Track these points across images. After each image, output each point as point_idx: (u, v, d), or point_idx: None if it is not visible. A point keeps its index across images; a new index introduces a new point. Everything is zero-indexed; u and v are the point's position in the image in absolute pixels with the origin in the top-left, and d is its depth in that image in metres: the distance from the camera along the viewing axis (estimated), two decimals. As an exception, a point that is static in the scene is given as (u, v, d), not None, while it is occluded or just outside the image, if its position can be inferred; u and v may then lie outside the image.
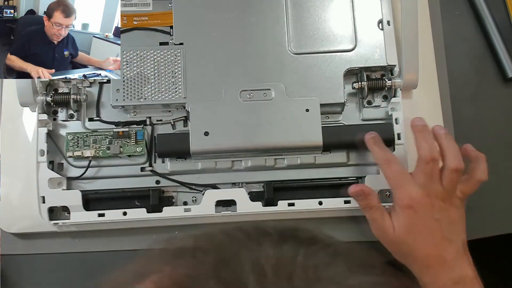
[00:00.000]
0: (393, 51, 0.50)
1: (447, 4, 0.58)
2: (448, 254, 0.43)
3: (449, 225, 0.44)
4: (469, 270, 0.43)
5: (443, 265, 0.43)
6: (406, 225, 0.43)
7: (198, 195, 0.50)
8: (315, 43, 0.50)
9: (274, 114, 0.48)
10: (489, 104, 0.56)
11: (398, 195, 0.44)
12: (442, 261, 0.43)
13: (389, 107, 0.51)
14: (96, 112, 0.51)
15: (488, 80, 0.57)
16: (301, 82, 0.49)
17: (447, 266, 0.43)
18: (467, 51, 0.57)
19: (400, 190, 0.44)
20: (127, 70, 0.50)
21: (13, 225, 0.50)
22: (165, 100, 0.49)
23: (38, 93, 0.49)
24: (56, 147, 0.50)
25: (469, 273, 0.43)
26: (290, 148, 0.48)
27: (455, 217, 0.44)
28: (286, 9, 0.51)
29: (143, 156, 0.50)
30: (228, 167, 0.50)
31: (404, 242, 0.44)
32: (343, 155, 0.50)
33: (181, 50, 0.50)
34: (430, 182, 0.44)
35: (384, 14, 0.51)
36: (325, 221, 0.50)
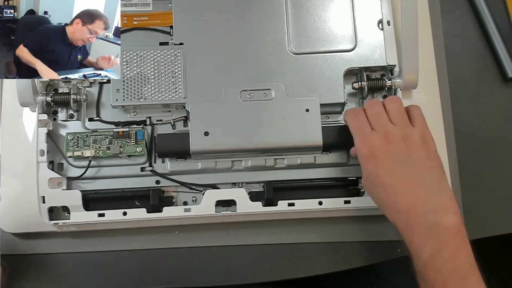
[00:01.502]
0: (393, 51, 0.50)
1: (447, 4, 0.58)
2: (418, 196, 0.41)
3: (415, 166, 0.42)
4: (448, 218, 0.39)
5: (413, 207, 0.40)
6: (368, 175, 0.43)
7: (198, 195, 0.50)
8: (315, 43, 0.51)
9: (274, 114, 0.48)
10: (489, 104, 0.56)
11: (359, 144, 0.44)
12: (411, 203, 0.40)
13: (389, 107, 0.51)
14: (96, 112, 0.51)
15: (488, 80, 0.57)
16: (301, 82, 0.49)
17: (418, 208, 0.40)
18: (467, 51, 0.57)
19: (361, 138, 0.44)
20: (127, 70, 0.50)
21: (13, 225, 0.50)
22: (165, 100, 0.49)
23: (38, 93, 0.49)
24: (56, 147, 0.50)
25: (446, 221, 0.39)
26: (290, 148, 0.48)
27: (421, 157, 0.43)
28: (286, 9, 0.51)
29: (143, 156, 0.50)
30: (228, 167, 0.50)
31: (371, 192, 0.44)
32: (343, 155, 0.50)
33: (181, 50, 0.50)
34: (382, 122, 0.44)
35: (384, 14, 0.51)
36: (325, 221, 0.50)
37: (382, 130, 0.44)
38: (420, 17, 0.49)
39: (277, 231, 0.51)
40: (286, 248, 0.51)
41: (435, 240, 0.39)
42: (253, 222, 0.50)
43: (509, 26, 0.58)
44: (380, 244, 0.50)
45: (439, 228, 0.39)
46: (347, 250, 0.51)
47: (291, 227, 0.51)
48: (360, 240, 0.50)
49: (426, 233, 0.39)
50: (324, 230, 0.51)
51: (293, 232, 0.51)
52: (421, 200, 0.41)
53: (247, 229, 0.51)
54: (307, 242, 0.51)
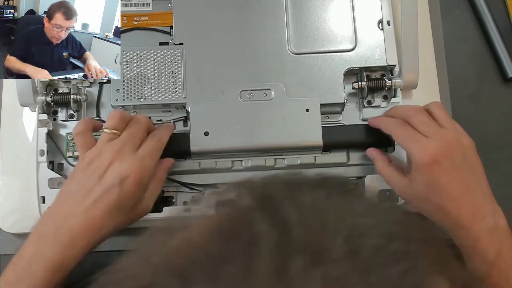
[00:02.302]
0: (393, 51, 0.50)
1: (447, 4, 0.58)
2: (477, 201, 0.41)
3: (470, 171, 0.42)
4: (501, 219, 0.41)
5: (474, 214, 0.41)
6: (428, 182, 0.42)
7: (198, 195, 0.50)
8: (315, 43, 0.51)
9: (274, 114, 0.48)
10: (489, 104, 0.56)
11: (416, 151, 0.42)
12: (472, 210, 0.41)
13: (389, 107, 0.51)
14: (96, 112, 0.51)
15: (488, 80, 0.57)
16: (301, 82, 0.49)
17: (478, 214, 0.41)
18: (467, 51, 0.57)
19: (417, 145, 0.43)
20: (127, 70, 0.50)
21: (13, 225, 0.50)
22: (165, 100, 0.49)
23: (38, 93, 0.49)
24: (56, 147, 0.50)
25: (501, 222, 0.41)
26: (290, 148, 0.48)
27: (473, 160, 0.43)
28: (286, 9, 0.51)
29: (143, 156, 0.50)
30: (228, 167, 0.50)
31: (429, 200, 0.42)
32: (343, 155, 0.50)
33: (181, 50, 0.50)
34: (434, 129, 0.43)
35: (384, 14, 0.51)
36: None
37: (438, 136, 0.43)
38: (420, 17, 0.49)
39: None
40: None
41: (496, 242, 0.41)
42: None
43: (509, 26, 0.58)
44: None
45: (498, 230, 0.41)
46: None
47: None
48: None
49: (489, 236, 0.41)
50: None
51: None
52: (481, 204, 0.42)
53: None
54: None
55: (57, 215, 0.41)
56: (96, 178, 0.41)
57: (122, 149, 0.42)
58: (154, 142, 0.44)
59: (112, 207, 0.40)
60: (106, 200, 0.40)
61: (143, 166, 0.42)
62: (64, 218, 0.40)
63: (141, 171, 0.41)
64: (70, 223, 0.40)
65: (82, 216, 0.40)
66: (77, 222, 0.40)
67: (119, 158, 0.41)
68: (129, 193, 0.41)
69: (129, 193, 0.41)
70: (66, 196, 0.42)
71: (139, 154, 0.42)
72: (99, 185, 0.40)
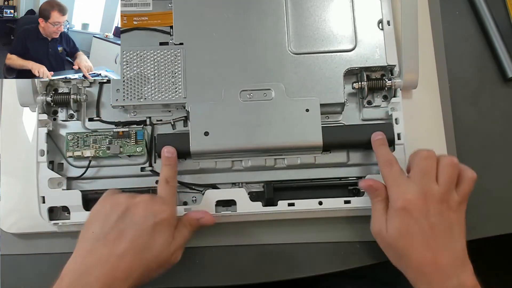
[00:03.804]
0: (393, 51, 0.50)
1: (447, 4, 0.58)
2: (444, 260, 0.41)
3: (446, 230, 0.42)
4: (467, 278, 0.41)
5: (438, 272, 0.41)
6: (399, 228, 0.42)
7: (198, 195, 0.50)
8: (315, 43, 0.51)
9: (274, 114, 0.48)
10: (489, 104, 0.56)
11: (394, 195, 0.43)
12: (437, 268, 0.41)
13: (389, 107, 0.51)
14: (96, 112, 0.51)
15: (488, 80, 0.57)
16: (301, 82, 0.49)
17: (443, 273, 0.41)
18: (467, 51, 0.57)
19: (397, 189, 0.43)
20: (127, 70, 0.50)
21: (13, 225, 0.50)
22: (165, 100, 0.49)
23: (38, 93, 0.49)
24: (56, 147, 0.50)
25: (467, 282, 0.41)
26: (290, 148, 0.48)
27: (453, 221, 0.42)
28: (286, 9, 0.51)
29: (143, 156, 0.50)
30: (228, 167, 0.50)
31: (396, 246, 0.43)
32: (343, 155, 0.50)
33: (181, 50, 0.50)
34: (426, 180, 0.43)
35: (384, 14, 0.51)
36: (325, 221, 0.50)
37: (424, 187, 0.42)
38: (420, 17, 0.50)
39: (277, 231, 0.51)
40: (286, 248, 0.51)
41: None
42: (253, 222, 0.50)
43: (509, 26, 0.58)
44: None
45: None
46: (347, 250, 0.51)
47: (291, 227, 0.51)
48: (360, 240, 0.50)
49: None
50: (324, 230, 0.51)
51: (293, 232, 0.51)
52: (447, 263, 0.41)
53: (247, 229, 0.51)
54: (307, 242, 0.51)
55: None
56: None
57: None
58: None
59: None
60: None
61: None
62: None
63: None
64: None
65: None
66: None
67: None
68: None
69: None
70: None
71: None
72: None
